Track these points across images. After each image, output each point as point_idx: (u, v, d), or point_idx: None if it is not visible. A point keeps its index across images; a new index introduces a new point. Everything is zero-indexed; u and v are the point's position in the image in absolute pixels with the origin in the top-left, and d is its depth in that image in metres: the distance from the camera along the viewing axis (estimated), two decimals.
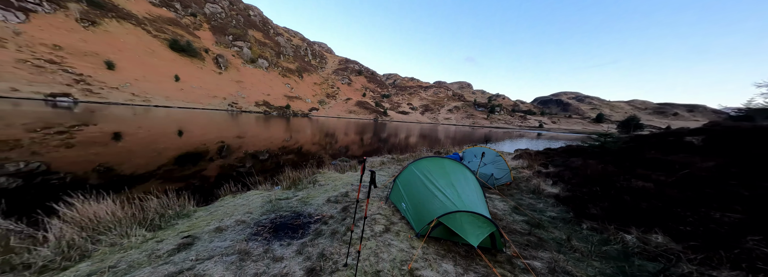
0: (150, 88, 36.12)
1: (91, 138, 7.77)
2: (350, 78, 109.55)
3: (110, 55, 36.06)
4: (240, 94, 53.06)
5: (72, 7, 37.00)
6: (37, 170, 4.49)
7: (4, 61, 24.99)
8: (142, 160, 5.91)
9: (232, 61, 62.39)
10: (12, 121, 9.28)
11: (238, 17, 79.08)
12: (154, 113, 20.73)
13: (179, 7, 61.95)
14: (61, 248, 1.94)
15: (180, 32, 54.23)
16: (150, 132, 10.37)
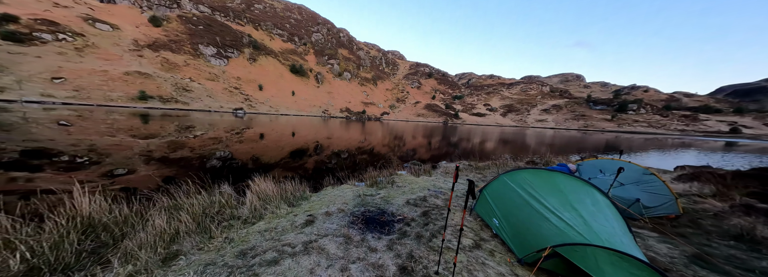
0: (278, 101, 51.14)
1: (250, 137, 11.72)
2: (420, 81, 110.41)
3: (260, 80, 53.72)
4: (330, 103, 65.39)
5: (246, 51, 57.74)
6: (228, 156, 7.26)
7: (217, 89, 42.67)
8: (274, 153, 8.26)
9: (326, 76, 77.44)
10: (219, 126, 15.66)
11: (332, 40, 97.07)
12: (279, 120, 29.48)
13: (297, 40, 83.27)
14: (251, 210, 2.75)
15: (296, 59, 73.00)
16: (277, 133, 14.34)
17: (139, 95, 30.37)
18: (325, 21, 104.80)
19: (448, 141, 17.73)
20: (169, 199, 2.74)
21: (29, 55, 28.05)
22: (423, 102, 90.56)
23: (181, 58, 43.21)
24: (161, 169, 5.33)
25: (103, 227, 2.16)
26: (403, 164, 7.27)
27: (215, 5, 63.34)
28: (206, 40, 49.46)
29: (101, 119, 13.93)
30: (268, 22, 76.79)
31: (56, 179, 4.22)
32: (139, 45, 39.66)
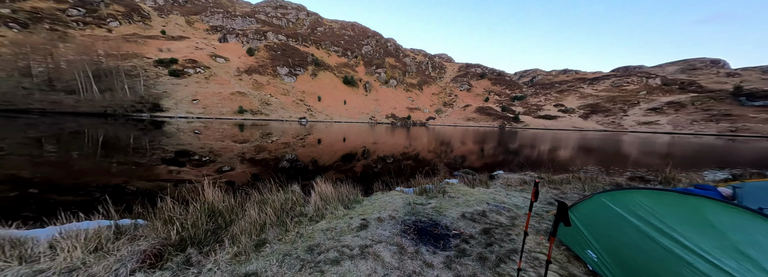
0: (333, 110, 57.19)
1: (310, 142, 13.36)
2: (470, 83, 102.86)
3: (319, 92, 61.49)
4: (376, 110, 68.55)
5: (309, 68, 67.40)
6: (295, 159, 8.35)
7: (287, 102, 51.20)
8: (328, 156, 9.06)
9: (373, 85, 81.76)
10: (288, 133, 18.70)
11: (380, 50, 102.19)
12: (333, 126, 32.96)
13: (349, 53, 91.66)
14: (315, 209, 2.87)
15: (348, 71, 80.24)
16: (331, 139, 15.92)
17: (238, 110, 39.69)
18: (374, 34, 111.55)
19: (506, 148, 15.75)
20: (258, 194, 3.12)
21: (181, 84, 40.96)
22: (473, 105, 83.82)
23: (264, 78, 54.15)
24: (250, 167, 6.91)
25: (219, 212, 2.59)
26: (453, 173, 6.94)
27: (289, 34, 76.77)
28: (281, 63, 60.42)
29: (216, 128, 18.97)
30: (327, 41, 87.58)
31: (191, 172, 6.06)
32: (239, 71, 51.94)
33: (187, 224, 2.18)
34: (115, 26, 50.58)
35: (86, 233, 2.03)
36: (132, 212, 2.62)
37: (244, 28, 69.82)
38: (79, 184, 4.66)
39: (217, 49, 56.46)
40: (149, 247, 1.88)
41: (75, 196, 4.02)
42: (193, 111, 35.88)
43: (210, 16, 69.88)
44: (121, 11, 53.82)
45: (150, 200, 2.72)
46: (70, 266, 1.70)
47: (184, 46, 51.46)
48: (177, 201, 2.50)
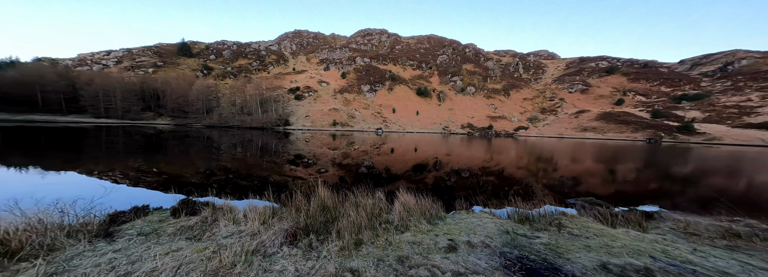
0: (405, 121, 59.23)
1: (384, 151, 13.99)
2: (586, 82, 77.96)
3: (394, 104, 65.69)
4: (450, 119, 64.72)
5: (387, 83, 73.84)
6: (372, 165, 8.83)
7: (367, 114, 57.89)
8: (400, 165, 9.15)
9: (448, 94, 78.13)
10: (367, 142, 20.13)
11: (457, 58, 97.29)
12: (405, 137, 33.88)
13: (424, 66, 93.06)
14: (400, 218, 2.83)
15: (421, 82, 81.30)
16: (403, 148, 16.05)
17: (332, 122, 48.94)
18: (450, 42, 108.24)
19: (664, 171, 10.30)
20: (353, 196, 3.30)
21: (300, 105, 55.65)
22: (594, 110, 62.33)
23: (351, 96, 64.20)
24: (339, 170, 7.92)
25: (328, 208, 2.87)
26: (566, 200, 5.33)
27: (372, 56, 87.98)
28: (365, 81, 69.72)
29: (318, 138, 24.15)
30: (403, 57, 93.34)
31: (303, 171, 8.02)
32: (335, 92, 64.41)
33: (310, 213, 2.61)
34: (271, 69, 76.54)
35: (258, 209, 2.82)
36: (279, 198, 3.25)
37: (340, 57, 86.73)
38: (249, 173, 7.25)
39: (322, 76, 72.97)
40: (289, 227, 2.38)
41: (247, 181, 6.27)
42: (305, 124, 47.70)
43: (320, 52, 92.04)
44: (274, 58, 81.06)
45: (289, 191, 3.54)
46: (252, 232, 2.37)
47: (304, 77, 70.29)
48: (304, 194, 3.00)
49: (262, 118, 46.61)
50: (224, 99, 50.65)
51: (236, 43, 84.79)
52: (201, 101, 47.56)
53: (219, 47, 79.79)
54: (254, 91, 50.71)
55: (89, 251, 2.02)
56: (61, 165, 6.91)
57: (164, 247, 2.08)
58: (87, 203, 2.65)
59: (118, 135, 17.56)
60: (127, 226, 2.58)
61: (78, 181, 5.54)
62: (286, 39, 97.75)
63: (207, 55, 75.53)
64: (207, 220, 2.66)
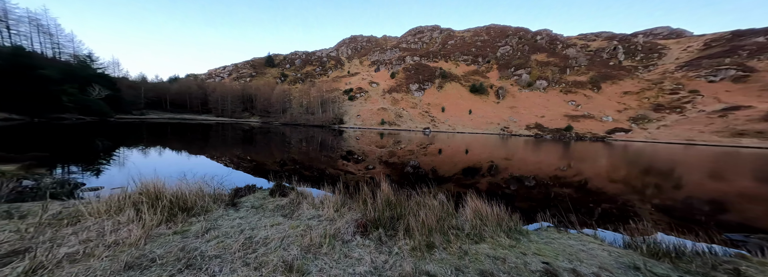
0: (456, 120, 55.13)
1: (431, 151, 13.60)
2: (744, 66, 53.25)
3: (443, 103, 62.15)
4: (511, 119, 56.21)
5: (436, 82, 70.62)
6: (418, 165, 8.78)
7: (415, 114, 56.91)
8: (448, 167, 8.72)
9: (509, 90, 68.00)
10: (413, 141, 19.94)
11: (524, 47, 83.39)
12: (454, 137, 31.20)
13: (480, 60, 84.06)
14: (472, 226, 2.59)
15: (476, 78, 73.70)
16: (452, 150, 15.07)
17: (380, 122, 50.61)
18: (516, 31, 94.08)
19: None
20: (416, 194, 3.13)
21: (353, 105, 60.03)
22: (758, 107, 41.88)
23: (400, 95, 64.56)
24: (385, 168, 8.07)
25: (393, 205, 2.84)
26: (726, 234, 3.63)
27: (422, 54, 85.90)
28: (413, 80, 68.76)
29: (367, 136, 25.34)
30: (456, 52, 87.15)
31: (355, 166, 8.37)
32: (384, 92, 66.28)
33: (377, 207, 2.66)
34: (330, 73, 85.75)
35: (331, 198, 3.10)
36: (348, 190, 3.38)
37: (390, 57, 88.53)
38: (314, 165, 8.18)
39: (373, 77, 76.39)
40: (359, 218, 2.54)
41: (313, 171, 7.07)
42: (356, 123, 51.16)
43: (372, 54, 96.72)
44: (333, 64, 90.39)
45: (355, 183, 3.81)
46: (329, 217, 2.61)
47: (357, 79, 75.49)
48: (369, 188, 3.05)
49: (321, 117, 52.87)
50: (294, 101, 60.25)
51: (305, 53, 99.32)
52: (279, 103, 58.27)
53: (292, 57, 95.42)
54: (316, 94, 58.05)
55: (225, 215, 2.65)
56: (198, 150, 10.04)
57: (269, 220, 2.55)
58: (219, 179, 3.53)
59: (228, 130, 23.55)
60: (244, 199, 3.29)
61: (207, 162, 7.75)
62: (343, 45, 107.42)
63: (284, 65, 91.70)
64: (294, 202, 3.13)
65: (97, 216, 2.35)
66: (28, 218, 2.39)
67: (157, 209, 2.37)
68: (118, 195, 2.67)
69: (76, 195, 3.78)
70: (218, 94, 57.68)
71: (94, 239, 1.94)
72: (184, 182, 2.99)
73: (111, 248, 1.79)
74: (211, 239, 2.03)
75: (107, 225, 2.17)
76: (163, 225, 2.26)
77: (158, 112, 49.19)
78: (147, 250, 1.79)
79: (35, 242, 1.86)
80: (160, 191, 2.67)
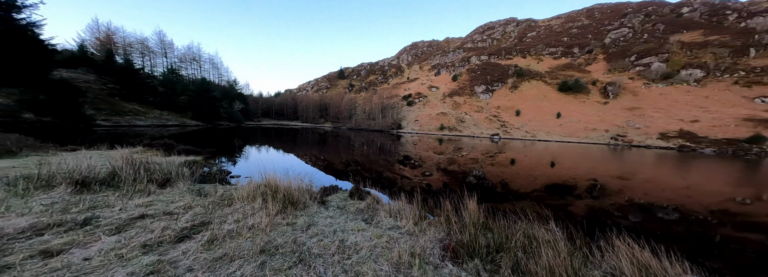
0: (536, 126, 45.09)
1: (500, 161, 12.06)
2: None
3: (519, 105, 52.45)
4: (631, 124, 40.63)
5: (509, 81, 60.92)
6: (481, 175, 8.11)
7: (480, 118, 50.66)
8: (523, 181, 7.44)
9: (628, 86, 49.85)
10: (477, 149, 18.06)
11: (656, 27, 60.01)
12: (535, 146, 25.50)
13: (576, 51, 66.47)
14: None
15: (569, 73, 58.29)
16: (530, 161, 12.93)
17: (440, 127, 48.12)
18: (640, 5, 69.94)
19: None
20: (525, 219, 2.50)
21: (411, 110, 60.30)
22: None
23: (462, 98, 59.65)
24: (444, 176, 7.74)
25: (487, 228, 2.44)
26: None
27: (491, 52, 76.82)
28: (480, 81, 62.07)
29: (425, 141, 24.50)
30: (539, 45, 72.98)
31: (412, 172, 7.96)
32: (444, 95, 63.14)
33: (466, 230, 2.29)
34: (391, 80, 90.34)
35: (406, 208, 2.89)
36: (427, 203, 3.11)
37: (453, 59, 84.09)
38: (376, 168, 8.40)
39: (433, 82, 74.51)
40: (446, 239, 2.24)
41: (376, 175, 7.17)
42: (414, 128, 50.83)
43: (432, 58, 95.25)
44: (393, 71, 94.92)
45: (434, 195, 3.64)
46: (409, 231, 2.48)
47: (416, 85, 75.84)
48: (451, 202, 2.79)
49: (381, 122, 55.90)
50: (359, 108, 66.79)
51: (369, 64, 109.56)
52: (346, 110, 66.45)
53: (358, 69, 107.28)
54: (377, 101, 62.23)
55: (319, 212, 2.92)
56: (290, 149, 12.82)
57: (354, 223, 2.64)
58: (307, 177, 3.84)
59: (309, 133, 28.82)
60: (330, 198, 3.62)
61: (296, 159, 9.63)
62: (403, 53, 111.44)
63: (352, 76, 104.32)
64: (370, 207, 3.24)
65: (241, 201, 2.97)
66: (207, 197, 3.22)
67: (275, 201, 2.81)
68: (252, 184, 3.27)
69: (228, 181, 5.01)
70: (303, 105, 72.14)
71: (241, 220, 2.41)
72: (289, 178, 3.42)
73: (251, 231, 2.16)
74: (313, 235, 2.21)
75: (247, 209, 2.69)
76: (279, 215, 2.61)
77: (267, 119, 66.68)
78: (272, 237, 2.08)
79: (211, 218, 2.46)
80: (277, 185, 3.14)
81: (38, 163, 4.15)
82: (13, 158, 5.00)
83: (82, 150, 6.42)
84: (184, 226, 2.19)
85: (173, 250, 1.79)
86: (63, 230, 2.05)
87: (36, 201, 2.63)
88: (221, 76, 58.66)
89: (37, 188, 2.94)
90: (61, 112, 16.50)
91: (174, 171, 3.88)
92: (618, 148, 28.67)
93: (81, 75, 24.89)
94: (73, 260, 1.60)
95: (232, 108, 43.23)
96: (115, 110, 23.31)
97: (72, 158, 4.92)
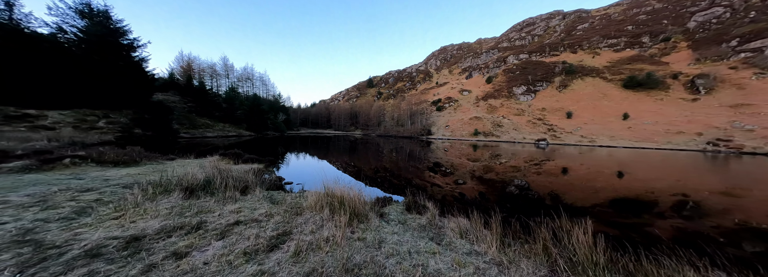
0: (595, 129, 39.02)
1: (549, 170, 10.42)
2: None
3: (570, 107, 46.41)
4: (737, 126, 31.99)
5: (556, 80, 54.83)
6: (524, 185, 7.21)
7: (521, 122, 46.32)
8: (579, 193, 6.34)
9: (727, 77, 39.84)
10: (519, 156, 16.15)
11: (764, 3, 47.59)
12: (596, 152, 21.78)
13: (647, 40, 56.66)
14: None
15: (637, 67, 49.56)
16: (589, 170, 10.95)
17: (474, 132, 45.74)
18: None
19: None
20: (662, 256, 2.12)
21: (441, 116, 58.92)
22: None
23: (498, 101, 55.82)
24: (477, 184, 7.29)
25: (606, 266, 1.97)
26: None
27: (532, 49, 71.06)
28: (519, 82, 57.47)
29: (457, 148, 23.58)
30: (593, 37, 64.73)
31: (443, 179, 7.94)
32: (477, 99, 60.12)
33: (578, 267, 1.91)
34: (419, 86, 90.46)
35: (479, 228, 2.50)
36: (511, 227, 2.77)
37: (486, 61, 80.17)
38: (421, 180, 8.54)
39: (464, 85, 71.88)
40: (547, 275, 1.84)
41: (427, 183, 7.41)
42: (445, 134, 49.36)
43: (463, 61, 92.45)
44: (422, 77, 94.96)
45: (518, 217, 3.09)
46: (494, 260, 2.06)
47: (445, 89, 74.25)
48: (549, 229, 2.35)
49: (410, 128, 55.92)
50: (387, 115, 68.29)
51: (397, 71, 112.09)
52: (375, 118, 68.67)
53: (386, 77, 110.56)
54: (405, 107, 62.74)
55: (381, 227, 2.70)
56: (327, 156, 13.63)
57: (424, 243, 2.32)
58: (358, 187, 3.52)
59: (341, 140, 30.69)
60: (386, 210, 3.39)
61: (334, 167, 9.92)
62: (432, 58, 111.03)
63: (380, 84, 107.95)
64: (432, 223, 2.95)
65: (310, 210, 2.96)
66: (278, 204, 3.31)
67: (342, 212, 2.69)
68: (316, 194, 3.23)
69: (283, 187, 5.20)
70: (336, 114, 77.36)
71: (315, 231, 2.39)
72: (341, 187, 3.22)
73: (328, 244, 2.13)
74: (389, 255, 2.05)
75: (317, 219, 2.68)
76: (347, 228, 2.48)
77: (305, 128, 73.44)
78: (350, 254, 2.00)
79: (290, 227, 2.46)
80: (341, 196, 2.99)
81: (154, 170, 5.34)
82: (137, 167, 5.99)
83: (177, 159, 7.49)
84: (271, 234, 2.30)
85: (268, 260, 1.87)
86: (184, 232, 2.29)
87: (161, 204, 3.00)
88: (268, 91, 67.86)
89: (159, 193, 3.34)
90: (157, 128, 20.35)
91: (250, 179, 4.24)
92: (719, 155, 22.69)
93: (170, 97, 31.90)
94: (196, 264, 1.76)
95: (277, 119, 49.16)
96: (192, 124, 28.97)
97: (177, 165, 6.29)
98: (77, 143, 10.56)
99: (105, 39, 19.77)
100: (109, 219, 2.54)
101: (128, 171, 5.35)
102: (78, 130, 15.50)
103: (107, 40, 19.96)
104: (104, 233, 2.21)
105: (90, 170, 5.23)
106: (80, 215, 2.63)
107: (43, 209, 2.74)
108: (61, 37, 18.50)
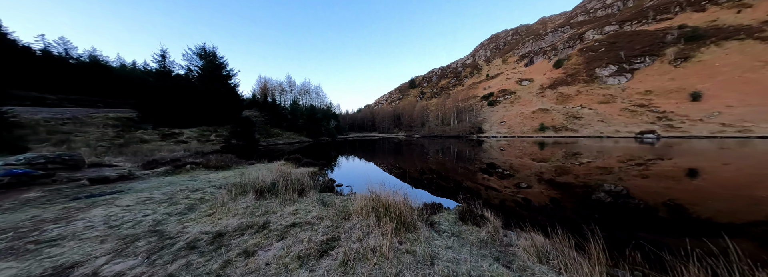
0: (748, 114, 26.75)
1: (664, 172, 7.80)
2: None
3: (697, 86, 33.42)
4: None
5: (668, 52, 40.74)
6: (620, 192, 5.65)
7: (611, 111, 36.22)
8: (723, 205, 4.73)
9: None
10: (610, 154, 12.86)
11: None
12: (752, 147, 15.04)
13: None
14: None
15: None
16: (740, 171, 7.86)
17: (539, 127, 38.82)
18: None
19: None
20: None
21: (494, 111, 52.56)
22: None
23: (573, 88, 45.62)
24: (548, 189, 6.14)
25: None
26: None
27: (625, 17, 55.47)
28: (605, 61, 45.58)
29: (517, 146, 20.45)
30: None
31: (501, 182, 7.03)
32: (542, 88, 50.83)
33: None
34: (465, 81, 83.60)
35: (566, 252, 2.04)
36: (629, 264, 2.11)
37: (553, 42, 67.07)
38: (475, 184, 7.95)
39: (523, 74, 62.08)
40: None
41: (480, 187, 6.92)
42: (500, 131, 43.75)
43: (521, 47, 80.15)
44: (469, 71, 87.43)
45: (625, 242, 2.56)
46: None
47: (498, 81, 65.97)
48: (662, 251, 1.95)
49: (457, 127, 52.16)
50: (431, 114, 65.81)
51: (440, 68, 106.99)
52: (418, 118, 67.44)
53: (429, 76, 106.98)
54: (452, 105, 58.97)
55: (432, 238, 2.46)
56: (374, 158, 14.03)
57: (488, 265, 1.96)
58: (404, 191, 3.23)
59: (386, 143, 31.48)
60: (436, 218, 3.09)
61: (379, 168, 10.06)
62: (480, 48, 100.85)
63: (423, 84, 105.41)
64: (495, 238, 2.54)
65: (356, 215, 2.94)
66: (329, 207, 3.39)
67: (388, 220, 2.58)
68: (362, 198, 3.14)
69: (335, 189, 5.43)
70: (379, 117, 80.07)
71: (362, 238, 2.35)
72: (387, 191, 3.10)
73: (375, 254, 2.04)
74: (442, 274, 1.82)
75: (363, 226, 2.65)
76: (393, 237, 2.36)
77: (353, 132, 79.14)
78: (398, 269, 1.85)
79: (338, 232, 2.48)
80: (387, 202, 2.86)
81: (239, 173, 6.40)
82: (228, 171, 7.11)
83: (256, 163, 8.76)
84: (321, 239, 2.36)
85: (318, 266, 1.89)
86: (253, 231, 2.50)
87: (240, 204, 3.40)
88: (322, 100, 76.82)
89: (239, 194, 3.80)
90: (246, 138, 26.72)
91: (306, 182, 4.48)
92: None
93: (253, 113, 40.24)
94: (260, 264, 1.89)
95: (329, 125, 54.98)
96: (267, 134, 35.61)
97: (254, 169, 7.45)
98: (199, 152, 14.26)
99: (213, 72, 26.90)
100: (205, 215, 3.04)
101: (223, 174, 6.65)
102: (199, 142, 21.18)
103: (215, 73, 27.08)
104: (200, 227, 2.64)
105: (201, 173, 6.76)
106: (190, 211, 3.23)
107: (170, 205, 3.47)
108: (189, 74, 25.99)
